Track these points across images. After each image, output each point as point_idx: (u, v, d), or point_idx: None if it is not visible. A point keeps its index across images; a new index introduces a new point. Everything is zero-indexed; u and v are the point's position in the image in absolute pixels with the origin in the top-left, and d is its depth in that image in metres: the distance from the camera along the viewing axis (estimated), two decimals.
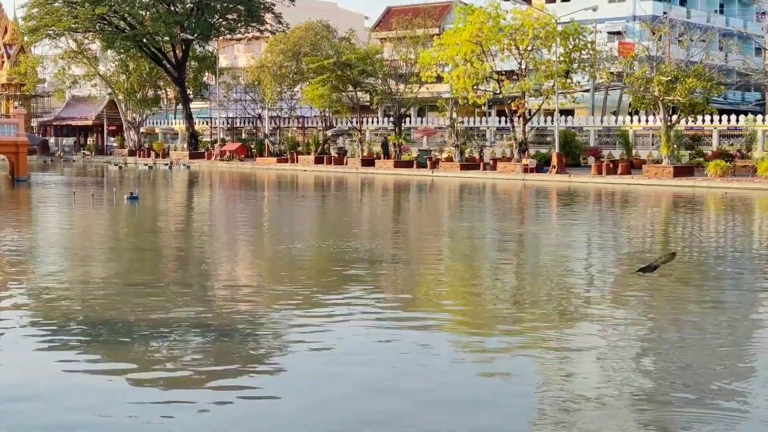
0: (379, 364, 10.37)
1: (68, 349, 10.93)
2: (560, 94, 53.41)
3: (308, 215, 31.27)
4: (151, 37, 74.40)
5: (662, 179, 45.20)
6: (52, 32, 76.12)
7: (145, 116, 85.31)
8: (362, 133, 65.53)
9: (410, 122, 68.36)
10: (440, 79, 58.09)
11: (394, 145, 61.07)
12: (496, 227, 26.06)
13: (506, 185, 46.60)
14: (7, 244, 21.09)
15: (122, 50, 76.70)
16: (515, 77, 55.17)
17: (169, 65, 77.35)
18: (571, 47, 52.57)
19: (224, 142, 76.34)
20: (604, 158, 53.07)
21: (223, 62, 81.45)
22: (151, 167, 65.94)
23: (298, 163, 65.62)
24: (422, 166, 57.76)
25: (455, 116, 58.75)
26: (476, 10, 54.50)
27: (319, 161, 64.40)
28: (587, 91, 62.12)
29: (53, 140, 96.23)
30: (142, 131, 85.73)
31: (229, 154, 71.97)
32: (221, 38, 79.57)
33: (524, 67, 54.22)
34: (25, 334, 11.76)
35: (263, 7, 75.68)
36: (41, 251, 20.45)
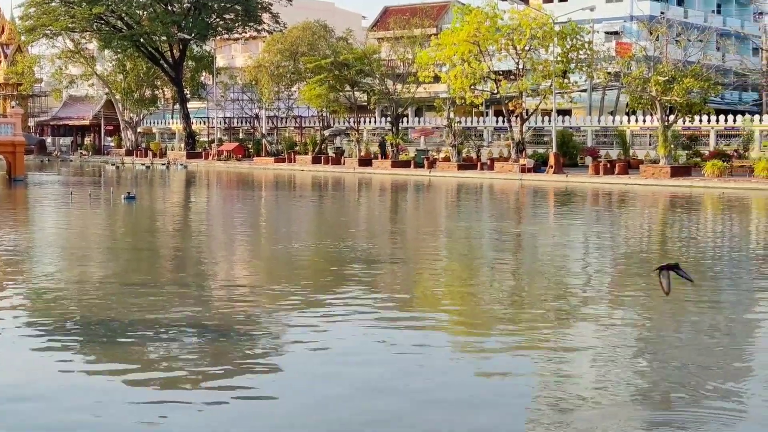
0: (377, 364, 10.37)
1: (66, 349, 10.92)
2: (557, 94, 53.44)
3: (305, 215, 31.26)
4: (148, 36, 74.36)
5: (659, 179, 45.23)
6: (49, 32, 76.09)
7: (142, 116, 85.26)
8: (359, 132, 65.50)
9: (407, 122, 68.32)
10: (437, 79, 58.09)
11: (391, 145, 61.07)
12: (493, 227, 26.06)
13: (503, 185, 46.61)
14: (4, 243, 21.07)
15: (119, 50, 76.67)
16: (512, 77, 55.17)
17: (166, 65, 77.31)
18: (568, 47, 52.59)
19: (221, 141, 76.32)
20: (601, 158, 53.08)
21: (220, 62, 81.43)
22: (148, 167, 65.91)
23: (295, 163, 65.61)
24: (419, 166, 57.75)
25: (453, 116, 58.75)
26: (474, 10, 54.49)
27: (316, 161, 64.37)
28: (584, 91, 62.17)
29: (50, 140, 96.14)
30: (139, 131, 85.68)
31: (226, 153, 71.92)
32: (218, 38, 79.55)
33: (521, 67, 54.22)
34: (22, 334, 11.75)
35: (260, 6, 75.65)
36: (38, 251, 20.43)
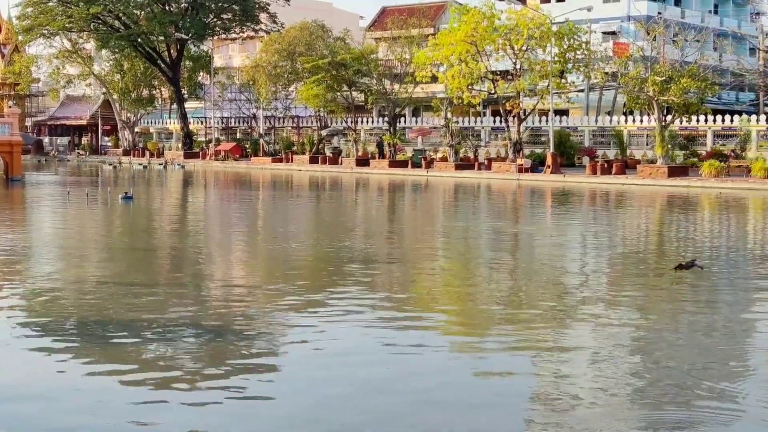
0: (375, 364, 10.36)
1: (63, 349, 10.90)
2: (555, 94, 53.48)
3: (303, 215, 31.26)
4: (145, 36, 74.33)
5: (657, 179, 45.27)
6: (46, 31, 76.08)
7: (139, 116, 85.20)
8: (357, 132, 65.50)
9: (405, 122, 68.36)
10: (435, 78, 58.13)
11: (389, 144, 61.08)
12: (490, 227, 26.07)
13: (501, 185, 46.63)
14: (1, 244, 21.05)
15: (117, 50, 76.63)
16: (510, 77, 55.22)
17: (163, 65, 77.27)
18: (565, 47, 52.66)
19: (219, 141, 76.31)
20: (598, 158, 53.15)
21: (217, 62, 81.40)
22: (145, 167, 65.86)
23: (292, 162, 65.60)
24: (417, 165, 57.77)
25: (450, 116, 58.78)
26: (471, 10, 54.52)
27: (313, 161, 64.38)
28: (582, 91, 62.22)
29: (47, 140, 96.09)
30: (136, 131, 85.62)
31: (223, 153, 71.91)
32: (216, 38, 79.51)
33: (519, 67, 54.27)
34: (19, 334, 11.73)
35: (258, 6, 75.63)
36: (35, 251, 20.41)
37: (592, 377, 9.82)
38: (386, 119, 63.48)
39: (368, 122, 69.60)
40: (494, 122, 63.48)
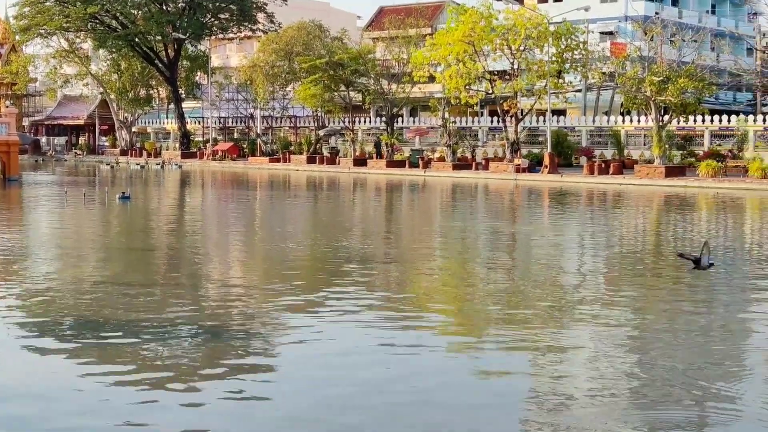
0: (374, 364, 10.36)
1: (61, 350, 10.88)
2: (552, 94, 53.50)
3: (300, 215, 31.26)
4: (143, 36, 74.31)
5: (654, 179, 45.31)
6: (43, 31, 75.98)
7: (137, 116, 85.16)
8: (354, 132, 65.51)
9: (402, 122, 68.37)
10: (432, 78, 58.08)
11: (386, 144, 61.07)
12: (488, 227, 26.07)
13: (498, 185, 46.64)
14: None
15: (114, 49, 76.57)
16: (507, 77, 55.23)
17: (161, 64, 77.24)
18: (563, 47, 52.66)
19: (216, 141, 76.28)
20: (596, 158, 53.18)
21: (215, 62, 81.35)
22: (142, 167, 65.81)
23: (290, 162, 65.59)
24: (414, 165, 57.77)
25: (447, 116, 58.79)
26: (468, 10, 54.54)
27: (311, 161, 64.37)
28: (579, 91, 62.24)
29: (45, 139, 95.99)
30: (134, 131, 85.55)
31: (221, 153, 71.89)
32: (213, 38, 79.48)
33: (516, 67, 54.28)
34: (15, 335, 11.71)
35: (255, 6, 75.62)
36: (32, 251, 20.38)
37: (589, 377, 9.83)
38: (384, 119, 63.46)
39: (366, 122, 69.59)
40: (492, 122, 63.49)
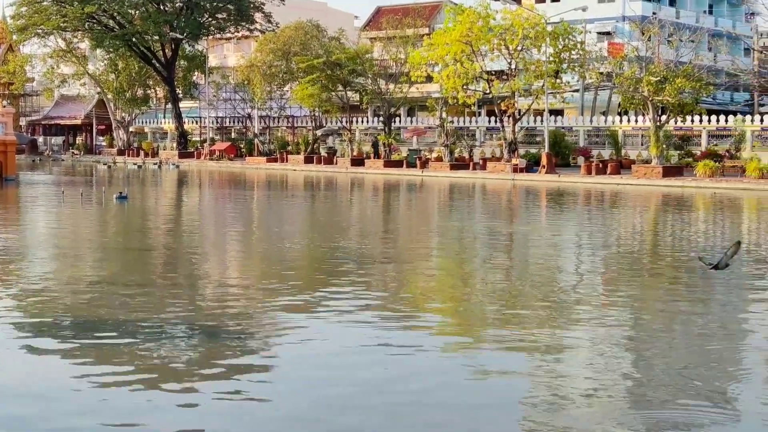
0: (373, 364, 10.35)
1: (58, 350, 10.86)
2: (550, 94, 53.49)
3: (298, 215, 31.24)
4: (140, 36, 74.23)
5: (651, 179, 45.31)
6: (40, 31, 75.88)
7: (134, 115, 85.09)
8: (352, 132, 65.48)
9: (400, 122, 68.33)
10: (430, 78, 58.08)
11: (384, 144, 61.05)
12: (485, 227, 26.08)
13: (496, 185, 46.64)
14: None
15: (111, 49, 76.47)
16: (505, 77, 55.23)
17: (158, 64, 77.17)
18: (560, 47, 52.66)
19: (214, 141, 76.19)
20: (593, 158, 53.16)
21: (212, 61, 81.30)
22: (140, 167, 65.77)
23: (287, 162, 65.54)
24: (412, 165, 57.74)
25: (445, 116, 58.76)
26: (466, 9, 54.54)
27: (308, 161, 64.32)
28: (577, 91, 62.22)
29: (42, 139, 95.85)
30: (131, 130, 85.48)
31: (218, 153, 71.85)
32: (211, 37, 79.40)
33: (514, 67, 54.29)
34: (12, 335, 11.69)
35: (253, 6, 75.59)
36: (29, 251, 20.35)
37: (587, 377, 9.82)
38: (381, 119, 63.42)
39: (363, 122, 69.56)
40: (489, 122, 63.46)
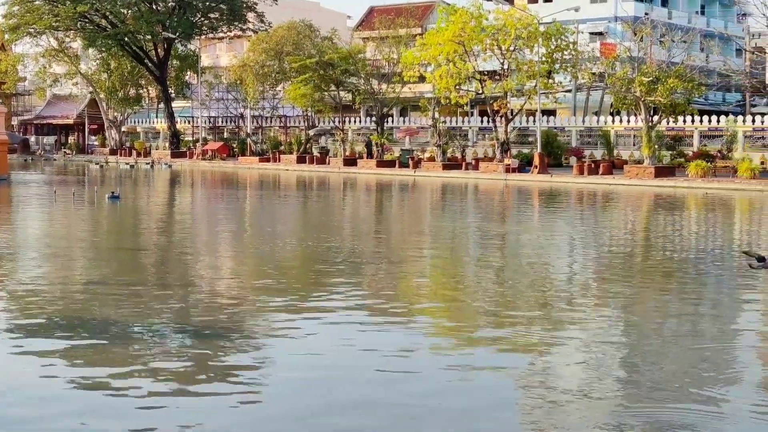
0: (371, 365, 10.31)
1: (48, 353, 10.76)
2: (542, 94, 53.58)
3: (290, 215, 31.23)
4: (132, 35, 74.14)
5: (643, 179, 45.41)
6: (32, 30, 75.73)
7: (126, 115, 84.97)
8: (345, 132, 65.50)
9: (393, 122, 68.39)
10: (423, 78, 58.11)
11: (376, 144, 61.07)
12: (477, 227, 26.10)
13: (488, 185, 46.69)
14: None
15: (103, 49, 76.37)
16: (497, 77, 55.30)
17: (150, 64, 77.07)
18: (553, 48, 52.75)
19: (206, 141, 76.14)
20: (585, 158, 53.28)
21: (205, 61, 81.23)
22: (132, 166, 65.68)
23: (280, 162, 65.53)
24: (404, 165, 57.78)
25: (437, 116, 58.83)
26: (459, 10, 54.58)
27: (301, 161, 64.31)
28: (569, 91, 62.35)
29: (34, 139, 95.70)
30: (123, 130, 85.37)
31: (211, 153, 71.80)
32: (203, 37, 79.35)
33: (506, 67, 54.35)
34: (3, 337, 11.64)
35: (245, 6, 75.54)
36: (20, 251, 20.30)
37: (583, 378, 9.82)
38: (374, 119, 63.46)
39: (356, 122, 69.60)
40: (482, 122, 63.57)
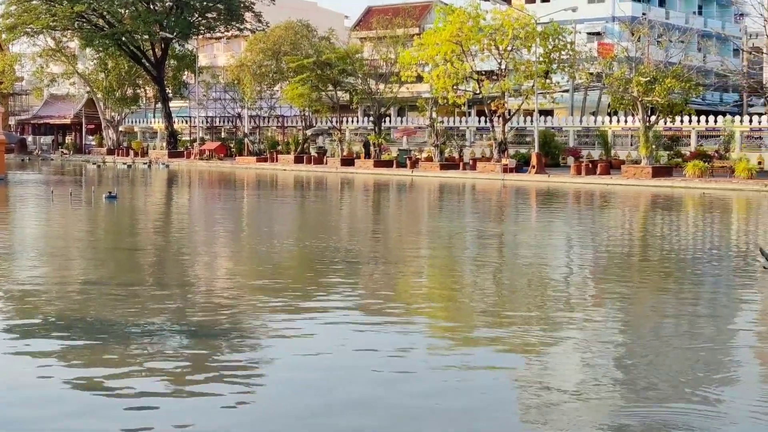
0: (370, 365, 10.31)
1: (45, 354, 10.75)
2: (540, 94, 53.57)
3: (288, 215, 31.22)
4: (130, 35, 74.08)
5: (641, 179, 45.42)
6: (30, 30, 75.66)
7: (123, 115, 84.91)
8: (342, 132, 65.49)
9: (390, 122, 68.37)
10: (420, 78, 58.15)
11: (374, 144, 61.06)
12: (474, 227, 26.10)
13: (486, 185, 46.69)
14: None
15: (101, 48, 76.31)
16: (495, 77, 55.32)
17: (148, 64, 77.02)
18: (550, 48, 52.78)
19: (203, 141, 76.10)
20: (583, 158, 53.27)
21: (202, 61, 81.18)
22: (129, 166, 65.65)
23: (277, 162, 65.50)
24: (402, 165, 57.78)
25: (435, 116, 58.83)
26: (456, 10, 54.61)
27: (298, 160, 64.29)
28: (567, 91, 62.34)
29: (31, 139, 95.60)
30: (120, 130, 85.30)
31: (208, 153, 71.76)
32: (201, 37, 79.30)
33: (504, 67, 54.37)
34: (1, 337, 11.64)
35: (243, 5, 75.53)
36: (17, 251, 20.27)
37: (580, 378, 9.83)
38: (371, 119, 63.44)
39: (353, 122, 69.59)
40: (479, 122, 63.57)
